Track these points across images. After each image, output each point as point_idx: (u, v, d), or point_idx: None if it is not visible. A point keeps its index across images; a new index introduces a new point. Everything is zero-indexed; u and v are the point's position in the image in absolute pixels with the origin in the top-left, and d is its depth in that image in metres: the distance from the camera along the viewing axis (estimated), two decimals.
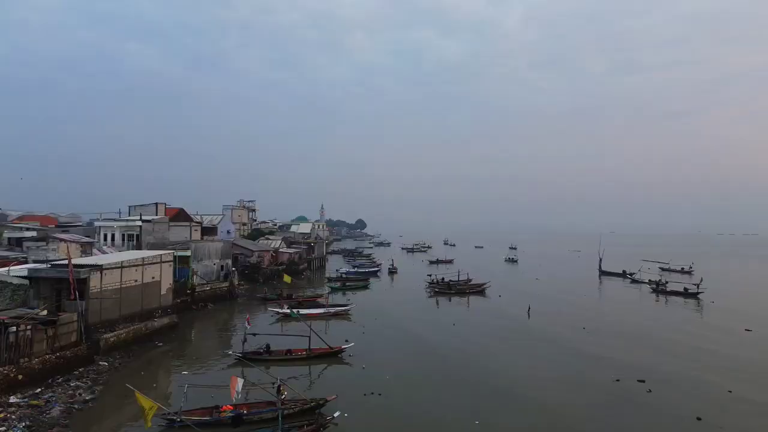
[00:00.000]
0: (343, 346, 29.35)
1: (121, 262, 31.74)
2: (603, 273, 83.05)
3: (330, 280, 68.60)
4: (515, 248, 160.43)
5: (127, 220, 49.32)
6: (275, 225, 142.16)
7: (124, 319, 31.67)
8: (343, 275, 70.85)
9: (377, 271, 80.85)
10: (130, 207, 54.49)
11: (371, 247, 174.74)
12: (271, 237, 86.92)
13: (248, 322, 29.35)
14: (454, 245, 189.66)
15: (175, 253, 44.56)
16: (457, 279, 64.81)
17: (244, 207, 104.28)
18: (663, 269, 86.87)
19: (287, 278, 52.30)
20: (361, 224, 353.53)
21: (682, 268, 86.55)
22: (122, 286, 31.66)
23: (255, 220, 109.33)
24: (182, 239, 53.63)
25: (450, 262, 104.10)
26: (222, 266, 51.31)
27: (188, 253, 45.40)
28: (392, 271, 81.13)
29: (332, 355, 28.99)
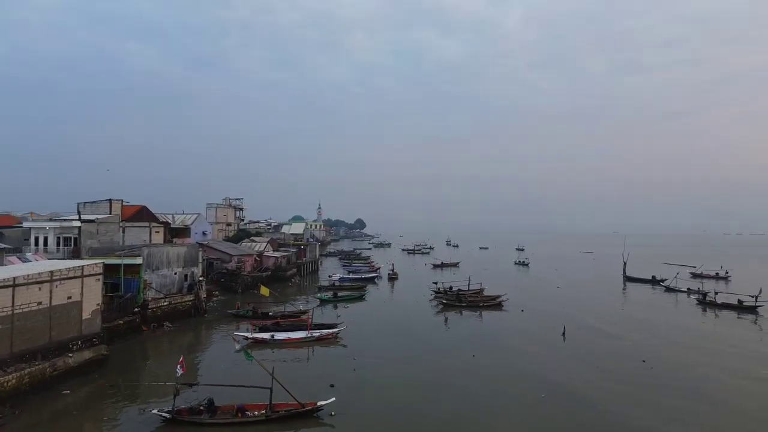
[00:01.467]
0: (319, 403, 20.31)
1: (14, 278, 22.75)
2: (628, 279, 74.06)
3: (321, 289, 59.65)
4: (523, 249, 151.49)
5: (63, 220, 40.28)
6: (269, 225, 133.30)
7: (18, 358, 22.70)
8: (336, 283, 61.88)
9: (375, 277, 71.84)
10: (78, 204, 45.44)
11: (370, 249, 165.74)
12: (257, 239, 78.00)
13: (181, 365, 20.36)
14: (457, 246, 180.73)
15: (121, 262, 35.64)
16: (467, 288, 55.89)
17: (230, 206, 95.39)
18: (694, 275, 77.81)
19: (264, 290, 43.35)
20: (360, 224, 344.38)
21: (717, 274, 77.49)
22: (15, 311, 22.68)
23: (243, 220, 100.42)
24: (141, 243, 44.71)
25: (455, 265, 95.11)
26: (186, 275, 42.33)
27: (138, 260, 36.42)
28: (392, 277, 72.19)
29: (304, 415, 20.00)
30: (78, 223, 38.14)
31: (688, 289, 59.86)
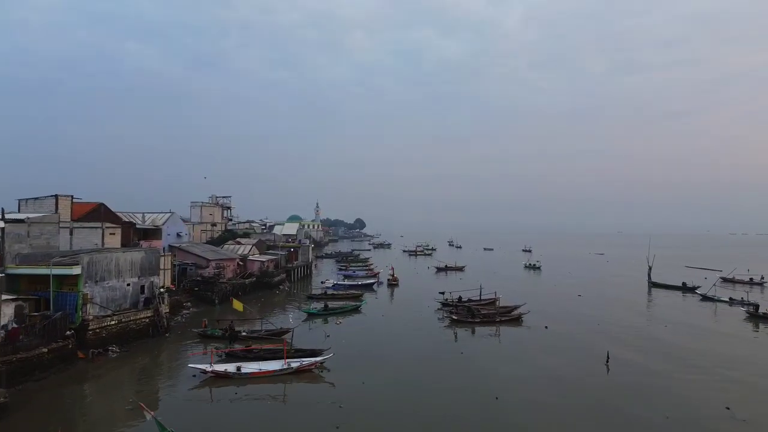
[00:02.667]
0: None
1: None
2: (654, 285, 66.85)
3: (310, 299, 52.46)
4: (530, 251, 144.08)
5: None
6: (264, 225, 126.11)
7: None
8: (329, 291, 54.67)
9: (374, 283, 64.53)
10: (20, 201, 38.23)
11: (369, 250, 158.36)
12: (243, 241, 70.78)
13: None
14: (460, 247, 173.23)
15: (49, 272, 28.45)
16: (479, 298, 48.73)
17: (216, 204, 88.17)
18: (725, 280, 70.44)
19: (237, 304, 35.99)
20: (360, 224, 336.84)
21: (752, 279, 70.12)
22: None
23: (231, 220, 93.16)
24: (93, 246, 37.55)
25: (461, 269, 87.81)
26: (143, 287, 35.11)
27: (75, 270, 29.21)
28: (392, 283, 64.96)
29: None
30: (1, 224, 30.90)
31: (731, 299, 52.51)
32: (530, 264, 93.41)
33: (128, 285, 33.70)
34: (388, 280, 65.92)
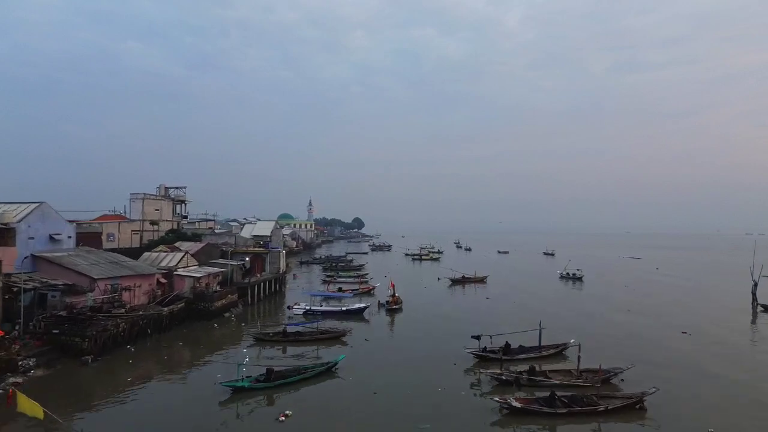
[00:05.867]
0: None
1: None
2: (764, 308, 46.91)
3: (260, 340, 32.59)
4: (553, 254, 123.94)
5: None
6: (242, 226, 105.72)
7: None
8: (288, 329, 34.45)
9: (365, 308, 44.20)
10: None
11: (366, 253, 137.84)
12: (185, 245, 50.92)
13: None
14: (469, 249, 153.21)
15: None
16: (538, 345, 28.99)
17: (165, 197, 68.19)
18: None
19: (27, 405, 15.70)
20: (358, 223, 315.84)
21: None
22: None
23: (186, 217, 73.10)
24: None
25: (482, 281, 67.84)
26: None
27: None
28: (393, 308, 44.99)
29: None
30: None
31: None
32: (568, 274, 73.26)
33: None
34: (387, 302, 45.94)
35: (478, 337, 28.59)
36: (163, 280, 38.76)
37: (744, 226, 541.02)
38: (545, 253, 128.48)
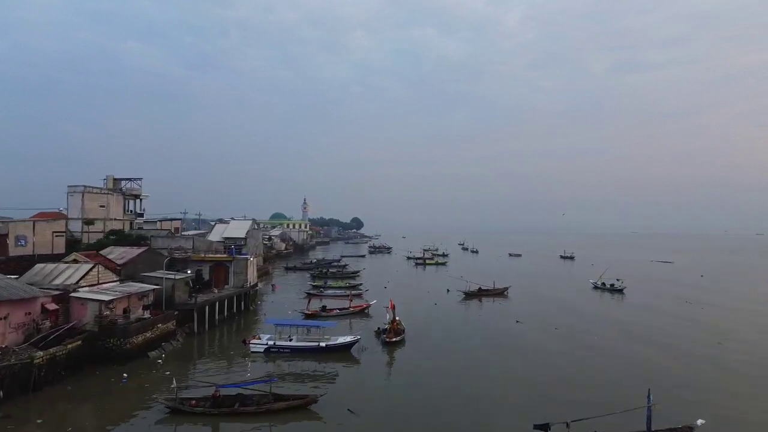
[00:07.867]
0: None
1: None
2: None
3: (176, 411, 20.02)
4: (572, 257, 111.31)
5: None
6: (217, 224, 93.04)
7: None
8: (219, 393, 21.94)
9: (355, 343, 31.46)
10: None
11: (363, 256, 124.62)
12: (118, 250, 38.34)
13: None
14: (476, 252, 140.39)
15: None
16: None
17: (114, 190, 55.58)
18: None
19: None
20: (357, 223, 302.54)
21: None
22: None
23: (141, 214, 60.38)
24: None
25: (503, 293, 55.31)
26: None
27: None
28: (390, 339, 32.33)
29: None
30: None
31: None
32: (604, 284, 60.55)
33: None
34: (385, 331, 33.28)
35: (545, 428, 15.90)
36: (52, 306, 26.12)
37: (748, 227, 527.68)
38: (562, 257, 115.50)
